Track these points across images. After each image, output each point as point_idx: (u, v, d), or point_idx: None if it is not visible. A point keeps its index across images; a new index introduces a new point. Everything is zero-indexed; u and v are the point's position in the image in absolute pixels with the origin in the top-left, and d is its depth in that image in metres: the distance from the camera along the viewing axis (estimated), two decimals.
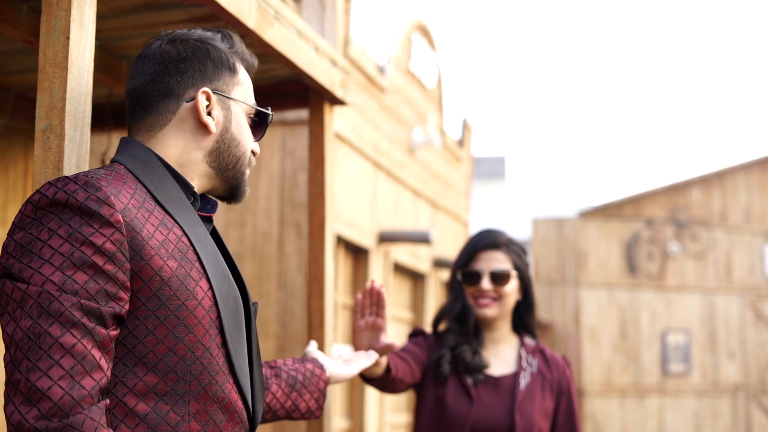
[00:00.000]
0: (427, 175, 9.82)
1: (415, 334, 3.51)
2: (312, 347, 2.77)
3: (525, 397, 3.32)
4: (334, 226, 7.04)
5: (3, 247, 1.82)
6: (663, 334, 17.59)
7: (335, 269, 7.32)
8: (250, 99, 2.16)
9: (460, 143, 11.34)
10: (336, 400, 7.34)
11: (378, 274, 8.18)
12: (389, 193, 8.56)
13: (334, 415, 7.44)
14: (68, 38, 2.16)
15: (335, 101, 3.80)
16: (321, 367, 2.65)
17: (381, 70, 8.30)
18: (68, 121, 2.13)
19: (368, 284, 3.01)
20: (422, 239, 8.20)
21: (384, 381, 3.16)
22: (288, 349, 6.47)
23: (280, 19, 3.21)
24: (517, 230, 24.42)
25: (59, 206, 1.79)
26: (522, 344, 3.48)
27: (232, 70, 2.12)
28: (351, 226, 7.53)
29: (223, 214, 6.85)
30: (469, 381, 3.33)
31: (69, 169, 2.12)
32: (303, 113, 6.40)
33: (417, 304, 9.74)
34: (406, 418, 9.14)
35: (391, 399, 8.50)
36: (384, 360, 3.06)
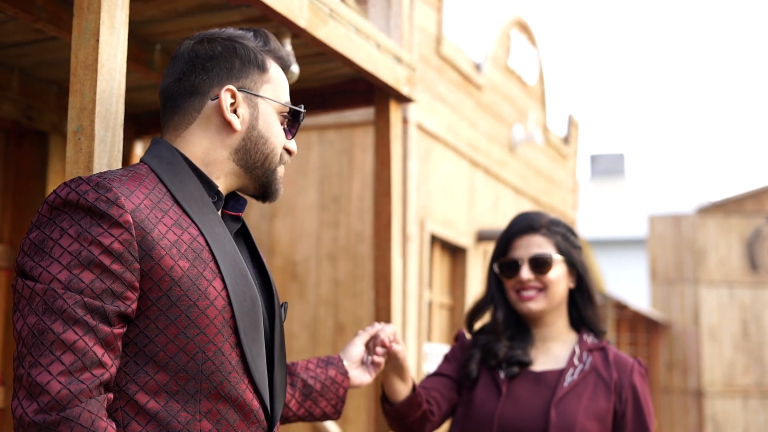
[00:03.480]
0: (530, 173, 9.71)
1: (456, 338, 3.17)
2: (350, 350, 2.68)
3: (568, 395, 2.88)
4: (427, 225, 7.04)
5: (20, 245, 1.87)
6: None
7: (430, 269, 7.30)
8: (282, 97, 2.14)
9: (566, 140, 11.17)
10: None
11: (476, 272, 8.12)
12: (488, 191, 8.49)
13: None
14: (98, 41, 2.19)
15: (402, 98, 3.78)
16: (344, 374, 2.60)
17: (477, 67, 8.24)
18: (98, 122, 2.16)
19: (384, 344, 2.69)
20: None
21: (409, 406, 2.82)
22: None
23: (335, 16, 3.20)
24: (635, 228, 23.98)
25: (71, 206, 1.82)
26: (580, 341, 3.03)
27: (262, 68, 2.10)
28: (447, 225, 7.49)
29: (317, 215, 6.91)
30: (502, 375, 2.95)
31: (99, 169, 2.16)
32: None
33: None
34: None
35: None
36: (410, 380, 2.82)
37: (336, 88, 3.89)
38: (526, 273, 2.97)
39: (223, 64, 2.07)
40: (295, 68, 3.31)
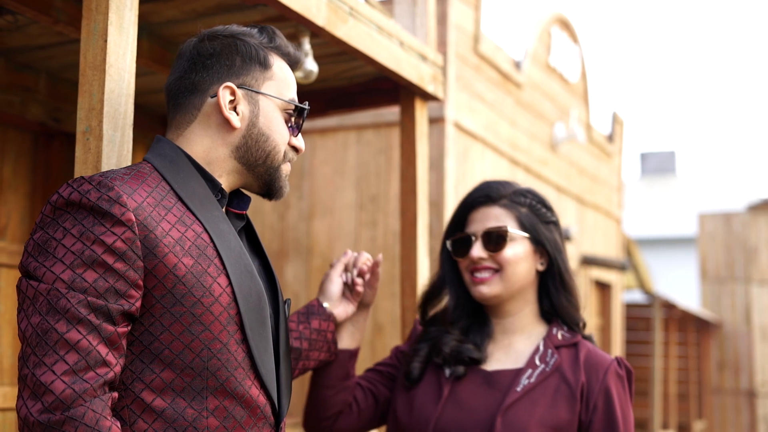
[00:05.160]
0: (573, 171, 9.62)
1: (414, 327, 2.75)
2: (328, 287, 2.59)
3: (520, 401, 2.39)
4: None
5: (25, 246, 1.87)
6: None
7: None
8: (286, 94, 2.12)
9: (610, 138, 11.06)
10: None
11: None
12: None
13: None
14: (106, 41, 2.19)
15: (427, 97, 3.75)
16: (327, 318, 2.55)
17: (517, 65, 8.18)
18: (107, 122, 2.16)
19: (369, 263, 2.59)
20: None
21: (337, 365, 2.56)
22: None
23: (355, 15, 3.18)
24: (686, 226, 23.71)
25: (74, 206, 1.83)
26: (547, 335, 2.54)
27: (264, 65, 2.09)
28: None
29: (354, 215, 6.90)
30: (447, 374, 2.51)
31: (108, 169, 2.16)
32: (431, 112, 6.37)
33: None
34: None
35: None
36: (358, 339, 2.61)
37: (361, 87, 3.88)
38: (477, 250, 2.52)
39: (224, 61, 2.06)
40: (312, 66, 3.30)
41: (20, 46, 3.52)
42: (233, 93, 2.04)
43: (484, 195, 2.57)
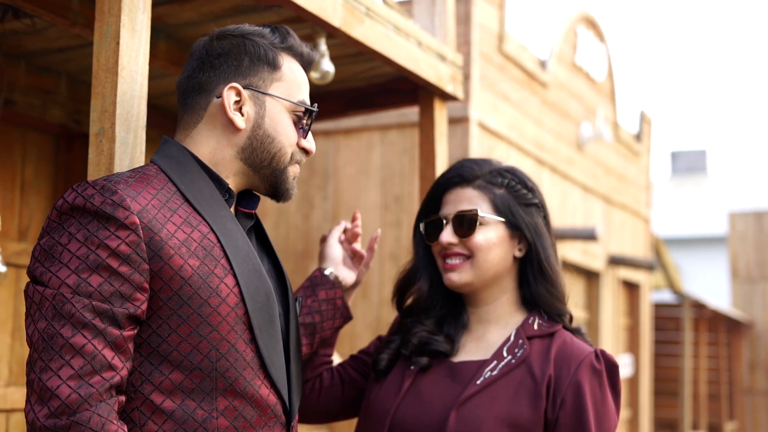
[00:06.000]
0: (600, 171, 9.56)
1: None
2: (328, 252, 2.60)
3: (478, 395, 2.21)
4: None
5: (32, 251, 1.88)
6: None
7: None
8: (296, 95, 2.10)
9: (638, 137, 10.98)
10: None
11: None
12: (555, 189, 8.38)
13: None
14: (118, 44, 2.20)
15: (446, 97, 3.74)
16: (332, 284, 2.52)
17: (542, 64, 8.14)
18: (119, 124, 2.17)
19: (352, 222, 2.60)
20: (588, 236, 7.96)
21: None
22: None
23: (372, 15, 3.18)
24: (717, 226, 23.53)
25: (79, 211, 1.83)
26: (522, 325, 2.34)
27: (272, 66, 2.08)
28: None
29: (379, 215, 6.89)
30: (412, 366, 2.35)
31: (120, 171, 2.16)
32: (455, 112, 6.36)
33: (591, 303, 9.51)
34: None
35: None
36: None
37: (380, 87, 3.87)
38: (447, 235, 2.35)
39: (231, 61, 2.06)
40: (329, 67, 3.29)
41: (39, 49, 3.55)
42: (239, 93, 2.04)
43: (458, 175, 2.41)
